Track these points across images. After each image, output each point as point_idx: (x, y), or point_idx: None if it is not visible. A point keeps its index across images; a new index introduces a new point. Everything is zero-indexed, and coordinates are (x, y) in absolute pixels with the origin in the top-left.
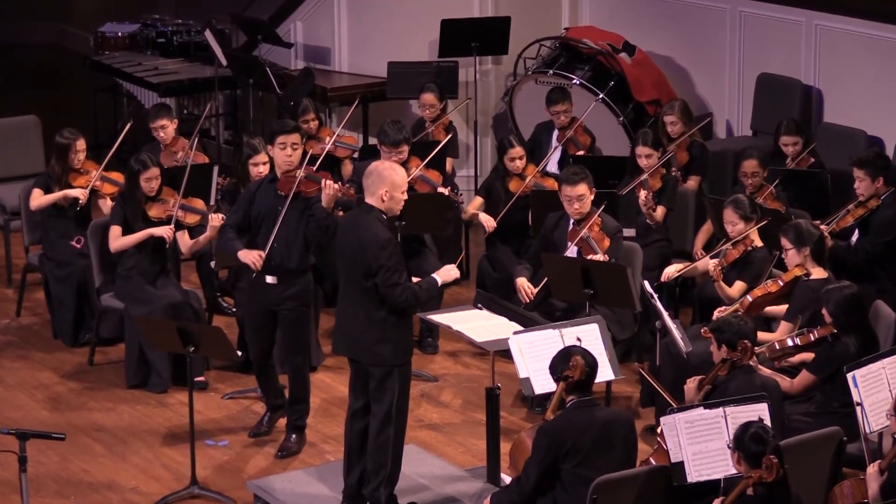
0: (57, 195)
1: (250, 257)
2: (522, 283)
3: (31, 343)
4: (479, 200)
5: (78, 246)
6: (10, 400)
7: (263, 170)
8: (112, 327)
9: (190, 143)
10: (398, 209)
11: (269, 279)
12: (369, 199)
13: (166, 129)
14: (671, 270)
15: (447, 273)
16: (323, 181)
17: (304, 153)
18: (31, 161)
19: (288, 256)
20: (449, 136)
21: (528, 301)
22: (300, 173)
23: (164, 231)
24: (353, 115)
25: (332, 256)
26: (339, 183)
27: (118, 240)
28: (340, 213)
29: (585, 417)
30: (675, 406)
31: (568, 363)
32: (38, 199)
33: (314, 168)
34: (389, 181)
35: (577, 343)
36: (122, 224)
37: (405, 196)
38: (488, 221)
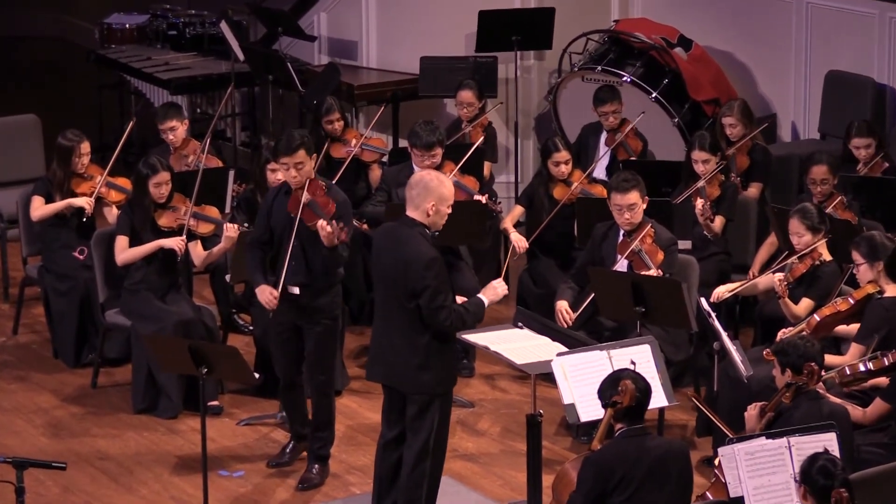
0: (60, 205)
1: (264, 296)
2: (562, 307)
3: (30, 363)
4: (519, 209)
5: (81, 257)
6: (6, 425)
7: (283, 176)
8: (118, 346)
9: (202, 145)
10: (441, 224)
11: (293, 290)
12: (412, 212)
13: (176, 130)
14: (722, 291)
15: (494, 291)
16: (317, 222)
17: (329, 157)
18: (29, 164)
19: (309, 272)
20: (487, 138)
21: (566, 327)
22: (305, 197)
23: (175, 243)
24: (381, 116)
25: (358, 272)
26: (334, 223)
27: (125, 251)
28: (365, 225)
29: (636, 447)
30: (733, 436)
31: (617, 388)
32: (40, 209)
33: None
34: (437, 194)
35: (630, 366)
36: (130, 234)
37: (450, 210)
38: (519, 242)
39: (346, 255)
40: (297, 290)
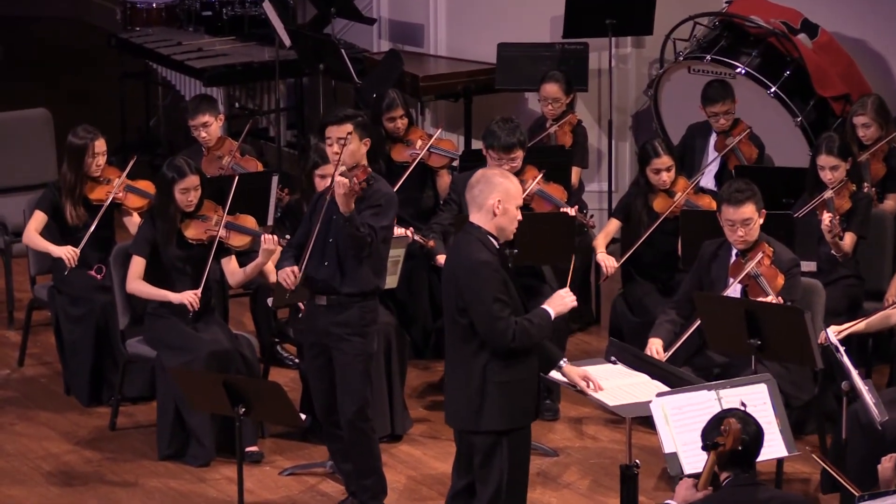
0: (46, 246)
1: (282, 273)
2: (653, 345)
3: (37, 400)
4: (614, 224)
5: (98, 277)
6: (9, 473)
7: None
8: (140, 382)
9: (239, 145)
10: (511, 230)
11: (319, 300)
12: (475, 216)
13: (210, 127)
14: (833, 333)
15: (561, 301)
16: (335, 176)
17: (390, 161)
18: (39, 167)
19: (338, 278)
20: (576, 140)
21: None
22: (338, 171)
23: (187, 298)
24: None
25: (423, 295)
26: (355, 179)
27: (136, 281)
28: (432, 242)
29: (746, 500)
30: (864, 493)
31: (720, 428)
32: (33, 234)
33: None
34: (502, 189)
35: (741, 408)
36: (149, 252)
37: (520, 215)
38: (606, 262)
39: (369, 238)
40: (323, 301)
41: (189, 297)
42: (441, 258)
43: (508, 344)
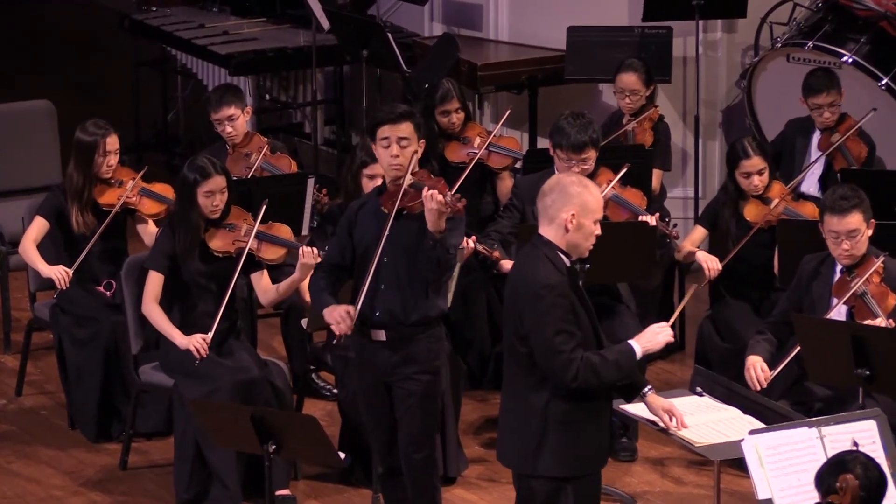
0: (36, 263)
1: (334, 314)
2: (755, 363)
3: (38, 435)
4: (700, 233)
5: (107, 294)
6: None
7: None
8: (155, 414)
9: (270, 141)
10: (586, 246)
11: (377, 335)
12: (545, 229)
13: (235, 121)
14: None
15: (653, 338)
16: (425, 190)
17: (445, 161)
18: (41, 167)
19: (400, 304)
20: (657, 139)
21: (759, 389)
22: (406, 180)
23: (195, 343)
24: (515, 106)
25: (480, 317)
26: (449, 195)
27: (153, 304)
28: (496, 253)
29: None
30: None
31: (836, 479)
32: (30, 246)
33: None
34: (579, 202)
35: (853, 448)
36: (167, 269)
37: (598, 230)
38: (710, 262)
39: (455, 260)
40: (381, 336)
41: (196, 343)
42: (507, 264)
43: (569, 383)
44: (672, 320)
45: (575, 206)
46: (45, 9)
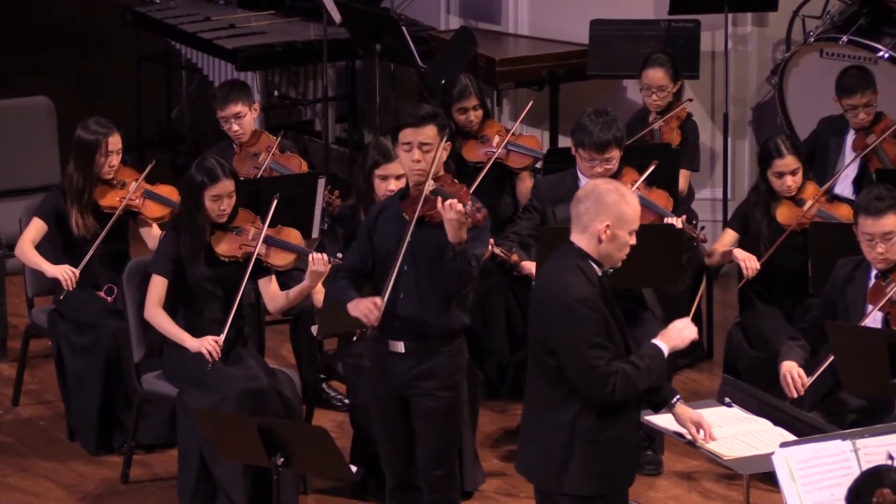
0: (40, 264)
1: (360, 307)
2: (790, 368)
3: (35, 447)
4: (730, 236)
5: (108, 299)
6: None
7: (397, 186)
8: (158, 425)
9: (279, 140)
10: (620, 257)
11: (395, 346)
12: (577, 237)
13: (242, 118)
14: None
15: (678, 335)
16: (439, 201)
17: (462, 160)
18: (39, 166)
19: (419, 314)
20: (685, 137)
21: (796, 397)
22: (428, 186)
23: (207, 346)
24: (535, 102)
25: (499, 324)
26: (469, 204)
27: (156, 309)
28: (515, 256)
29: None
30: None
31: (871, 493)
32: (28, 247)
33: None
34: (614, 212)
35: (889, 461)
36: (171, 273)
37: (633, 240)
38: (748, 261)
39: (477, 271)
40: (400, 347)
41: (209, 345)
42: (527, 265)
43: (607, 398)
44: (691, 315)
45: (610, 217)
46: (43, 2)
